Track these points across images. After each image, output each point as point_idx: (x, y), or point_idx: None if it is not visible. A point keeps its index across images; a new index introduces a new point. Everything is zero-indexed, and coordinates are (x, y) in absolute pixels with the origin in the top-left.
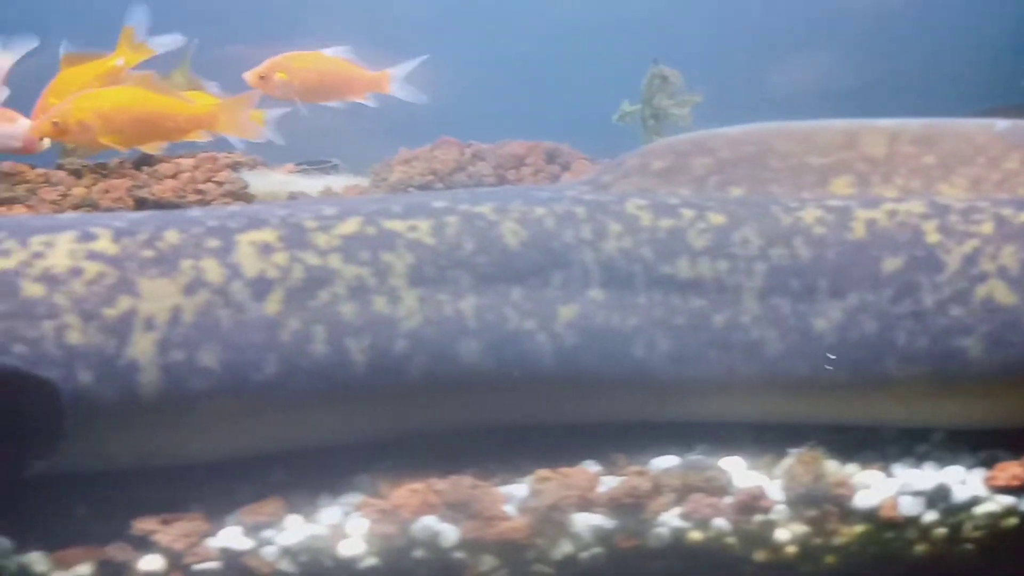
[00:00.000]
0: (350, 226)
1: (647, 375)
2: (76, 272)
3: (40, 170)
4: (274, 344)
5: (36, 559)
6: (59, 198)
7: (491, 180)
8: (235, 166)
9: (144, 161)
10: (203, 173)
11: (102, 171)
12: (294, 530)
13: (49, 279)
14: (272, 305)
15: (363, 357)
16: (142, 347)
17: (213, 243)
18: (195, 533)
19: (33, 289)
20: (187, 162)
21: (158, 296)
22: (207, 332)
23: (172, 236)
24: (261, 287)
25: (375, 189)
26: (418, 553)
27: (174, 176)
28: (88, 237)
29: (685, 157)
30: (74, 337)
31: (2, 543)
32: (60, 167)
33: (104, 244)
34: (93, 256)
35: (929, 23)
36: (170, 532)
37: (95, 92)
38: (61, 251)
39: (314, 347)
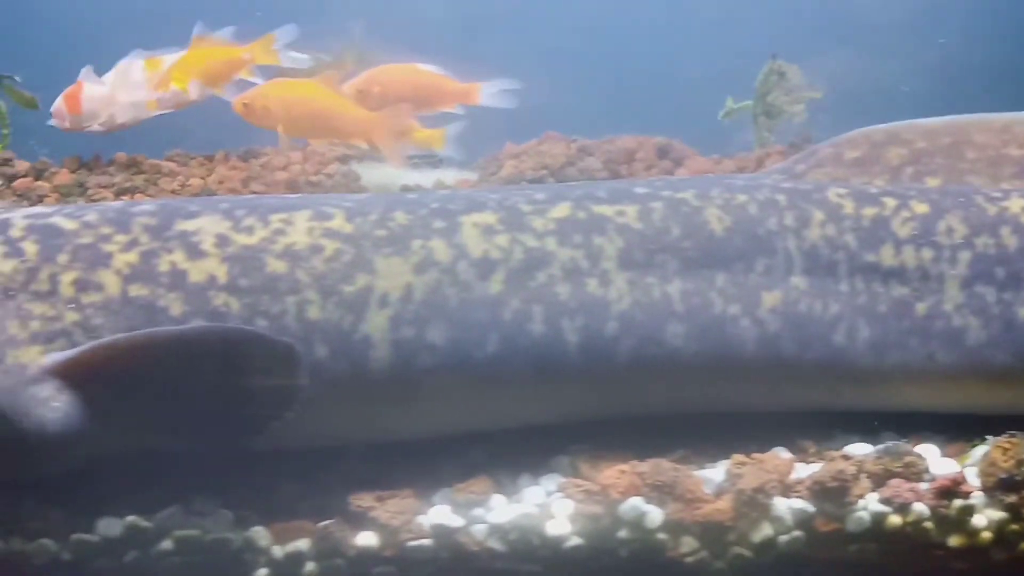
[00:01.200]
0: (562, 210)
1: (847, 362)
2: (316, 249)
3: (153, 160)
4: (496, 322)
5: (259, 533)
6: (178, 188)
7: (603, 175)
8: (343, 158)
9: (251, 153)
10: (312, 166)
11: (209, 162)
12: (501, 509)
13: (291, 256)
14: (495, 285)
15: (576, 337)
16: (376, 323)
17: (439, 224)
18: (408, 510)
19: (276, 265)
20: (295, 155)
21: (392, 274)
22: (435, 309)
23: (401, 217)
24: (485, 267)
25: (486, 183)
26: (622, 534)
27: (284, 168)
28: (323, 216)
29: (880, 147)
30: (313, 312)
31: (225, 516)
32: (169, 159)
33: (339, 223)
34: (331, 234)
35: None
36: (386, 509)
37: (283, 81)
38: (300, 229)
39: (533, 326)
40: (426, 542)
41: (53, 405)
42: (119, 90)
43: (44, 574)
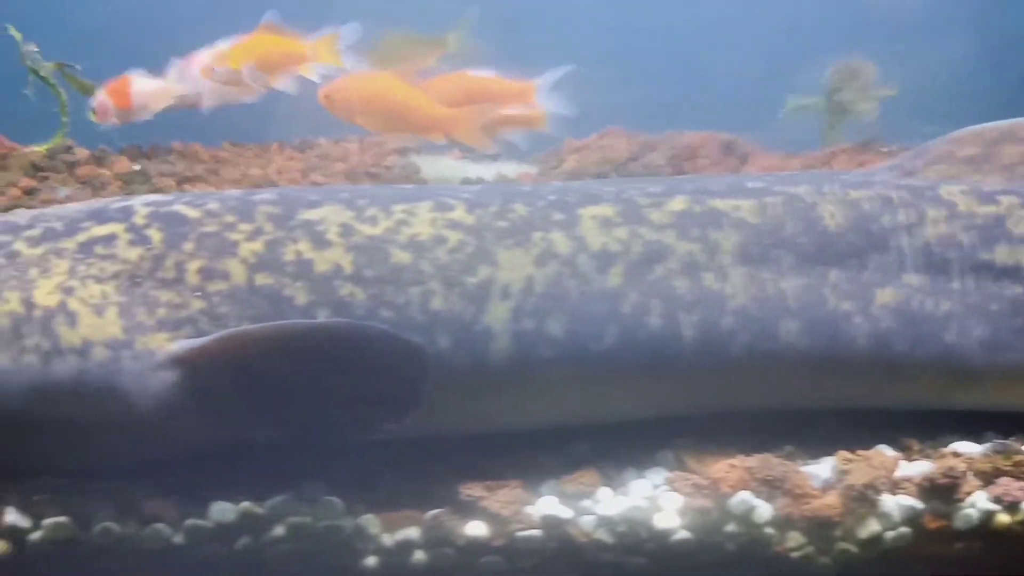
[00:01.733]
0: (679, 203)
1: (958, 361)
2: (440, 240)
3: (211, 150)
4: (615, 316)
5: (370, 521)
6: (240, 177)
7: (667, 170)
8: (402, 150)
9: (306, 144)
10: (371, 157)
11: (265, 152)
12: (608, 501)
13: (415, 246)
14: (614, 278)
15: (692, 332)
16: (498, 314)
17: (558, 216)
18: (517, 501)
19: (401, 256)
20: (352, 146)
21: (514, 265)
22: (556, 302)
23: (521, 208)
24: (604, 260)
25: (546, 176)
26: (730, 528)
27: (343, 159)
28: (445, 207)
29: (994, 145)
30: (437, 303)
31: (334, 503)
32: (222, 149)
33: (461, 214)
34: (453, 225)
35: None
36: (496, 499)
37: (365, 75)
38: (423, 219)
39: (650, 320)
40: (535, 532)
41: (177, 391)
42: (170, 83)
43: (154, 560)
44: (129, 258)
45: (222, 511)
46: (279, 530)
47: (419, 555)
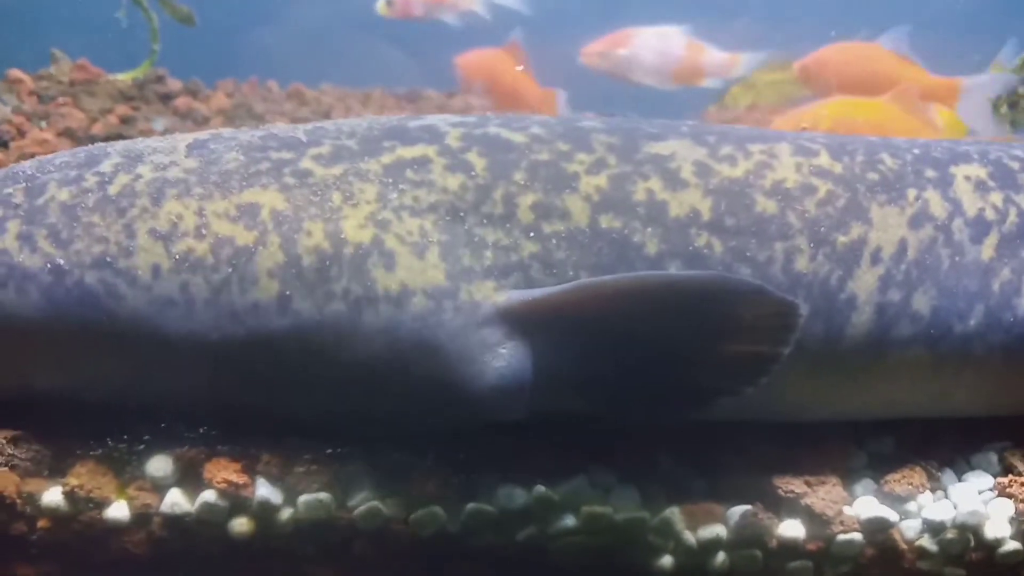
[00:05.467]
0: None
1: None
2: (808, 189)
3: (312, 91)
4: (983, 293)
5: (675, 515)
6: None
7: None
8: None
9: (415, 94)
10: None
11: (368, 98)
12: (932, 506)
13: (782, 195)
14: (987, 250)
15: None
16: (865, 282)
17: (931, 173)
18: (840, 500)
19: (766, 204)
20: (474, 100)
21: (887, 226)
22: (926, 272)
23: (889, 161)
24: (980, 228)
25: None
26: None
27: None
28: (807, 152)
29: None
30: (801, 263)
31: (633, 493)
32: (323, 92)
33: (826, 160)
34: (821, 173)
35: None
36: (818, 496)
37: (844, 46)
38: (787, 164)
39: (1020, 302)
40: (855, 536)
41: (500, 352)
42: None
43: (421, 548)
44: (449, 187)
45: (509, 496)
46: (569, 520)
47: (721, 557)
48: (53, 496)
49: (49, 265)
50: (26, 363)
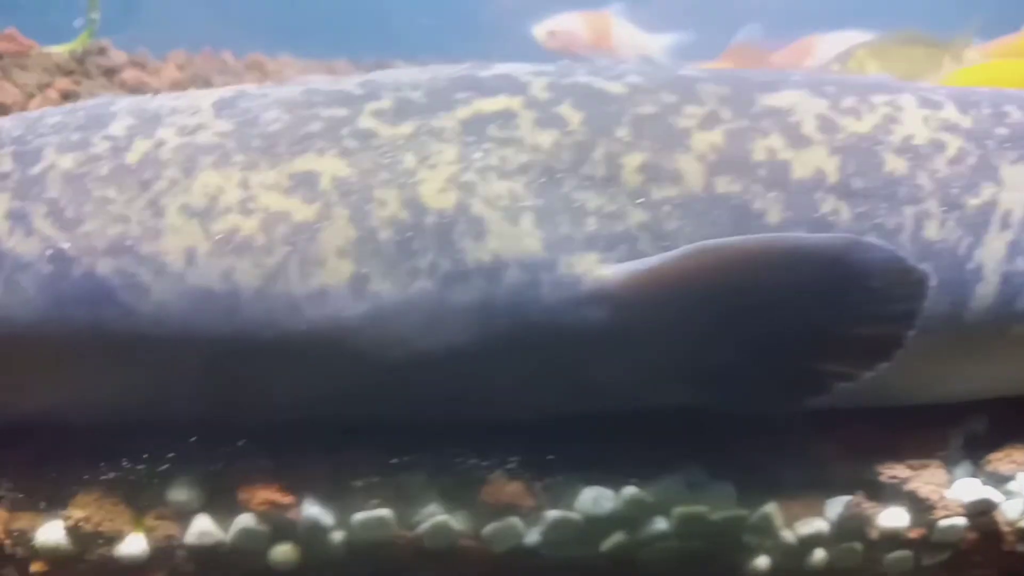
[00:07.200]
0: None
1: None
2: (938, 146)
3: (275, 60)
4: None
5: (773, 512)
6: None
7: None
8: None
9: (381, 65)
10: None
11: (333, 71)
12: None
13: (912, 152)
14: None
15: None
16: (993, 249)
17: None
18: (943, 482)
19: (896, 164)
20: None
21: (1018, 186)
22: None
23: (1015, 113)
24: None
25: None
26: None
27: None
28: (932, 104)
29: None
30: (931, 230)
31: (728, 490)
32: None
33: (953, 113)
34: (950, 127)
35: None
36: (922, 480)
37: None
38: (914, 117)
39: None
40: (958, 521)
41: (605, 334)
42: None
43: (493, 567)
44: (540, 145)
45: (596, 499)
46: (660, 524)
47: (819, 554)
48: (51, 532)
49: (50, 251)
50: (14, 379)
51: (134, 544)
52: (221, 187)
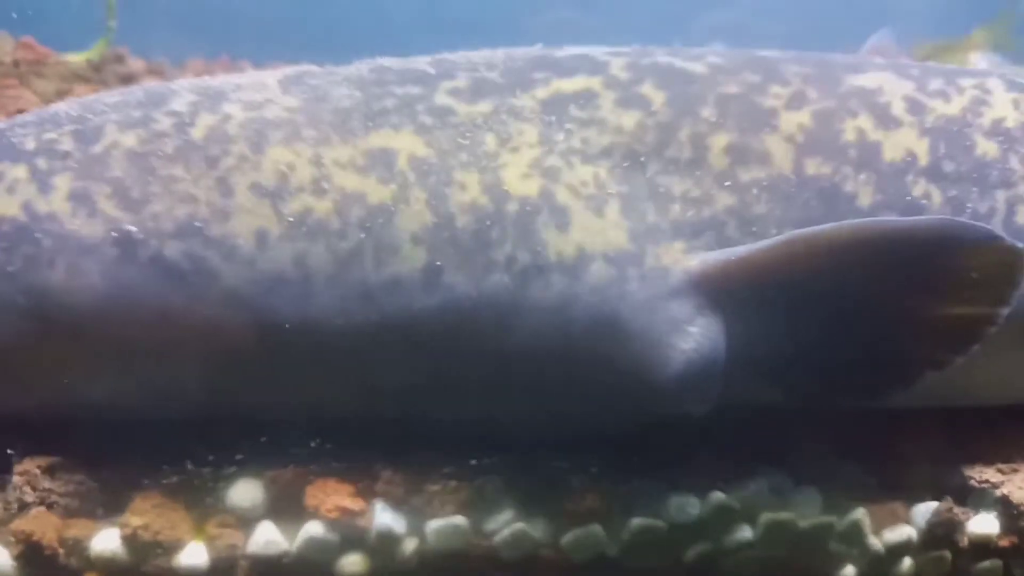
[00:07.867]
0: None
1: None
2: None
3: None
4: None
5: (863, 518)
6: None
7: None
8: None
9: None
10: None
11: None
12: None
13: (1004, 135)
14: None
15: None
16: None
17: None
18: None
19: (987, 147)
20: None
21: None
22: None
23: None
24: None
25: None
26: None
27: None
28: (1019, 87)
29: None
30: (1023, 215)
31: (814, 496)
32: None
33: None
34: None
35: None
36: (1015, 484)
37: None
38: (1003, 100)
39: None
40: None
41: (690, 332)
42: None
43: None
44: (624, 126)
45: (682, 506)
46: (746, 532)
47: (907, 563)
48: (107, 541)
49: (115, 234)
50: (77, 369)
51: (194, 554)
52: (293, 164)
